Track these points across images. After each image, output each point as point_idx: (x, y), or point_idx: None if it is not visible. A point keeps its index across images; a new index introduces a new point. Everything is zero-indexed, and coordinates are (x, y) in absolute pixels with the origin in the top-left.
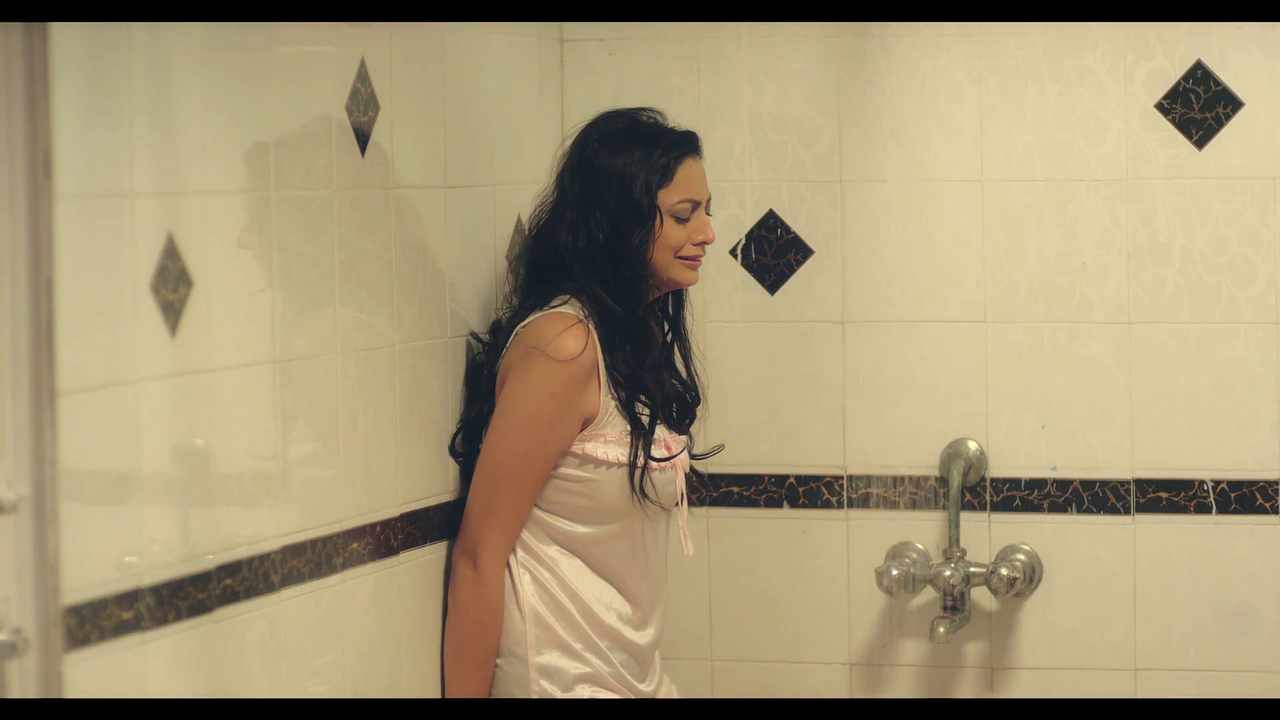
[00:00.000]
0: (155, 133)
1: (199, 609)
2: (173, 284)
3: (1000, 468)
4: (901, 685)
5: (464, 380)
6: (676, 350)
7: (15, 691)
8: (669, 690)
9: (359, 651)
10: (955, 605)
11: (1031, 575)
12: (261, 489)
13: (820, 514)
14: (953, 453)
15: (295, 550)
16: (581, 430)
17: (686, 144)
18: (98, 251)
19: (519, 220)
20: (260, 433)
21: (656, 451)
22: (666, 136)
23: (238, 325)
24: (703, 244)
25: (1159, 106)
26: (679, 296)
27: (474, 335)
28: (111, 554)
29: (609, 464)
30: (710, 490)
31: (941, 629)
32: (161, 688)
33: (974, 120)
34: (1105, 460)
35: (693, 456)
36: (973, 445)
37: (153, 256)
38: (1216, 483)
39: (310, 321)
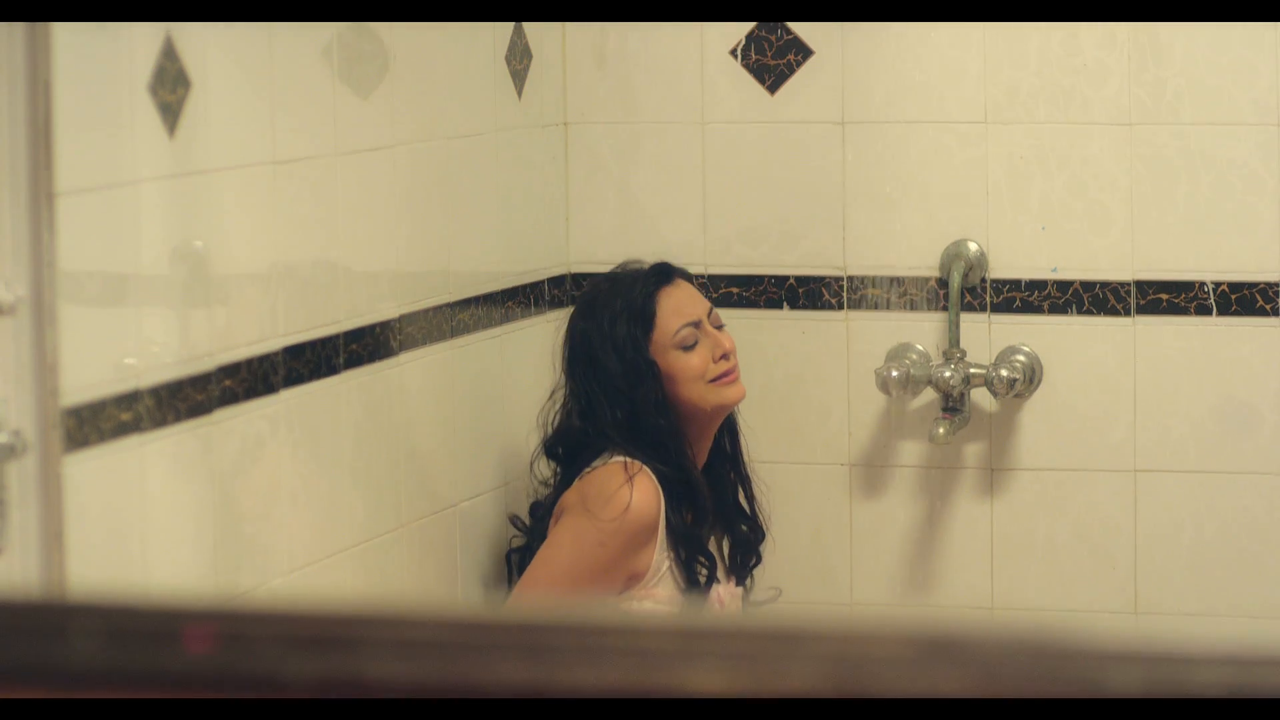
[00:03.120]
0: None
1: (198, 410)
2: (171, 85)
3: (1000, 269)
4: (901, 486)
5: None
6: (739, 486)
7: (15, 493)
8: None
9: (359, 452)
10: (955, 406)
11: (1031, 376)
12: (261, 290)
13: (820, 315)
14: (953, 254)
15: (295, 351)
16: (629, 588)
17: (657, 276)
18: (95, 52)
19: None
20: (259, 234)
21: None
22: (638, 280)
23: (236, 126)
24: (725, 356)
25: None
26: (733, 429)
27: (514, 520)
28: (110, 356)
29: None
30: (710, 291)
31: (941, 430)
32: (161, 489)
33: None
34: (1105, 262)
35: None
36: (973, 246)
37: (150, 57)
38: (1217, 284)
39: (310, 120)
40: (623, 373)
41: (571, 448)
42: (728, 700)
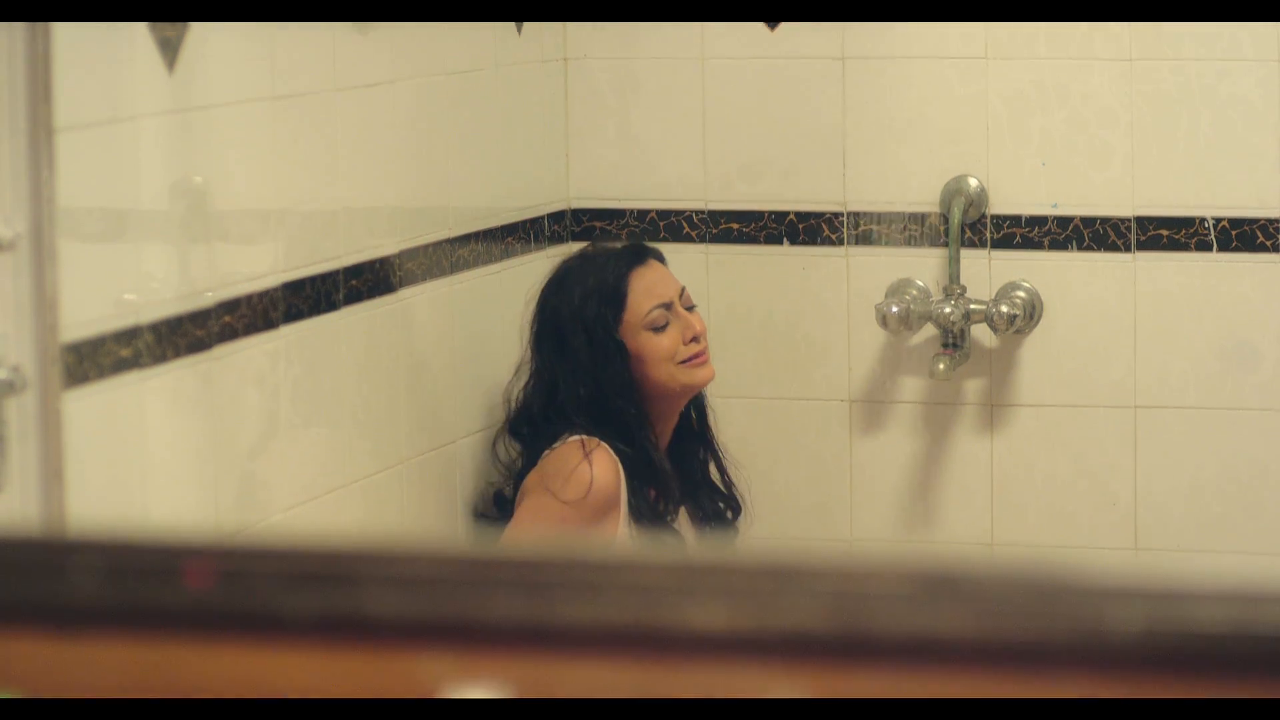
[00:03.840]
0: None
1: (198, 346)
2: None
3: (1001, 204)
4: (901, 422)
5: None
6: (712, 463)
7: (14, 429)
8: None
9: (359, 388)
10: (955, 342)
11: (1032, 312)
12: (260, 226)
13: (820, 251)
14: (953, 190)
15: (294, 287)
16: None
17: (630, 257)
18: None
19: None
20: (259, 169)
21: None
22: (610, 259)
23: (236, 61)
24: (695, 338)
25: None
26: (700, 406)
27: (480, 515)
28: (110, 291)
29: None
30: (710, 227)
31: (941, 366)
32: (160, 425)
33: None
34: (1106, 198)
35: None
36: (973, 182)
37: None
38: (1217, 220)
39: (309, 56)
40: (590, 352)
41: (534, 427)
42: (729, 636)
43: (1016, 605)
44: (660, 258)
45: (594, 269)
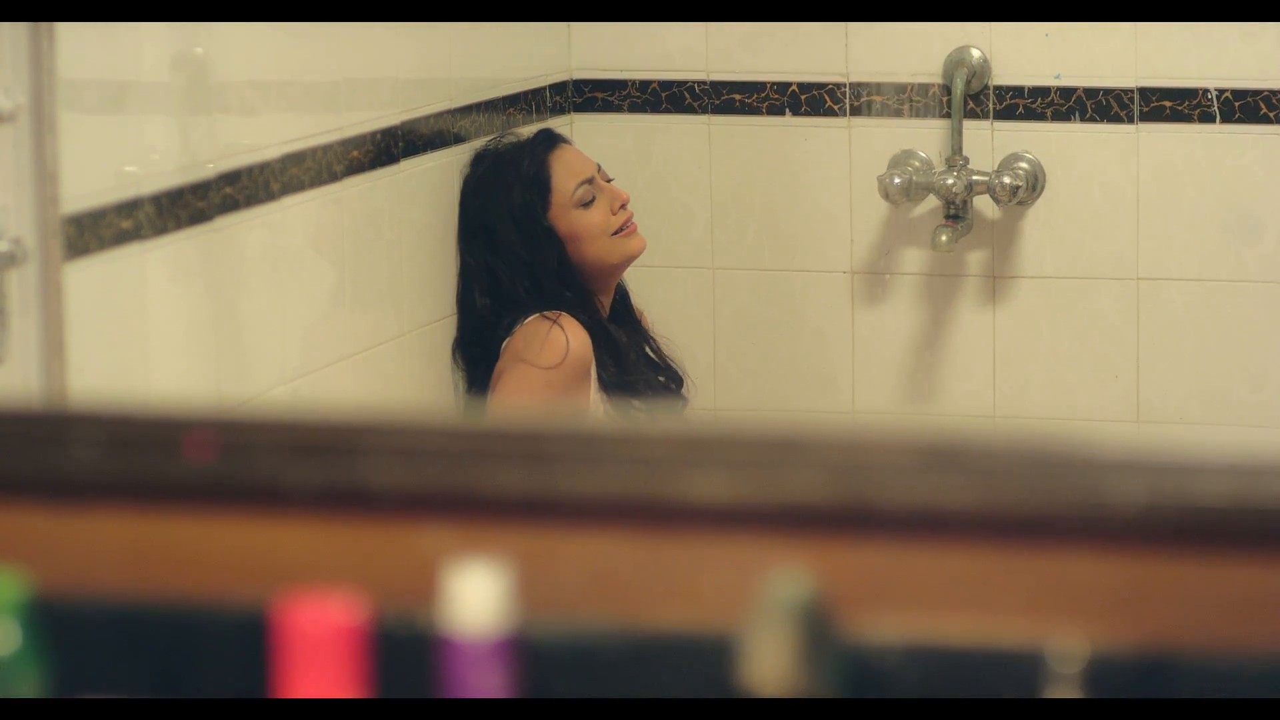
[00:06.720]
0: None
1: (198, 217)
2: None
3: (1003, 75)
4: (903, 294)
5: None
6: (644, 344)
7: (15, 301)
8: None
9: (360, 259)
10: (957, 214)
11: (1034, 184)
12: (261, 96)
13: (822, 122)
14: (956, 60)
15: (295, 158)
16: None
17: (544, 142)
18: None
19: None
20: (260, 40)
21: None
22: (524, 148)
23: None
24: (623, 205)
25: None
26: (623, 290)
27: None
28: (110, 163)
29: None
30: (712, 98)
31: (944, 237)
32: (161, 297)
33: None
34: (1109, 68)
35: None
36: (976, 53)
37: None
38: (1220, 91)
39: None
40: (522, 241)
41: (483, 335)
42: (731, 508)
43: (1018, 477)
44: (569, 141)
45: (509, 161)
